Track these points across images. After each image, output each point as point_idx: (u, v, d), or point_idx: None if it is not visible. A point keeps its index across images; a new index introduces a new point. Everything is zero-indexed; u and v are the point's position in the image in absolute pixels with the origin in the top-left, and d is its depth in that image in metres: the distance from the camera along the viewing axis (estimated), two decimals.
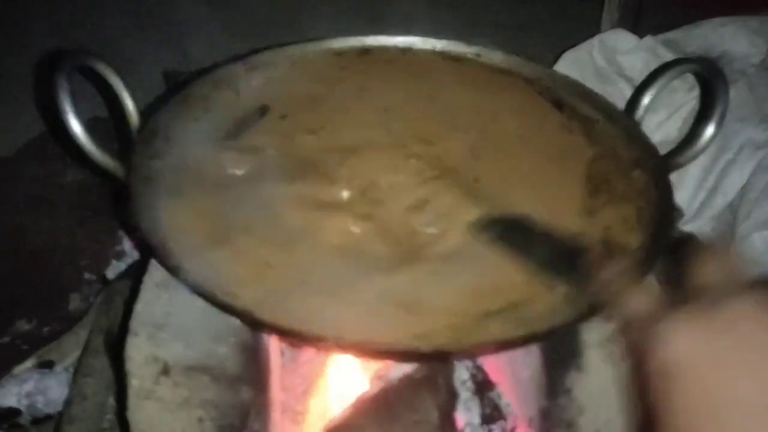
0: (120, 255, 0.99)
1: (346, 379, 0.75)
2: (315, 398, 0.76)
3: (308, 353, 0.78)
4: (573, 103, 0.77)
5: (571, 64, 1.16)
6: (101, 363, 0.79)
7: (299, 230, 0.63)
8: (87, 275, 0.97)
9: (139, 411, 0.60)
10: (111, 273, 0.98)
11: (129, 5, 1.23)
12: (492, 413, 0.71)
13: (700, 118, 0.67)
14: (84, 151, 0.64)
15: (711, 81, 0.67)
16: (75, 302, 0.94)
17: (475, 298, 0.58)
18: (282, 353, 0.79)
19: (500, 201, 0.66)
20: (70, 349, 0.87)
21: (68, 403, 0.78)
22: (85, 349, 0.82)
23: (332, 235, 0.63)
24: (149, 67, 1.09)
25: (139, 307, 0.64)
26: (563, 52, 1.19)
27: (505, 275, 0.59)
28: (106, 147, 0.64)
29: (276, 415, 0.70)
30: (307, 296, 0.58)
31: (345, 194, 0.67)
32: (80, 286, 0.96)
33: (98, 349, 0.80)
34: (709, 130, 0.66)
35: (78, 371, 0.80)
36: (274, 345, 0.72)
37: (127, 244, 1.00)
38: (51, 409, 0.84)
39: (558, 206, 0.66)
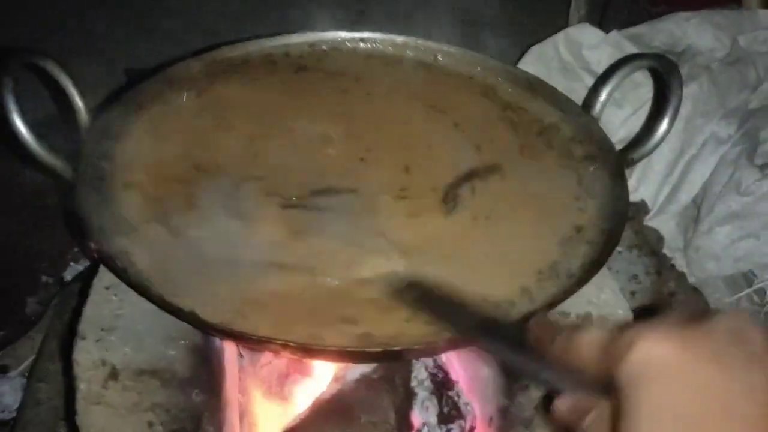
0: (78, 257, 0.98)
1: (304, 382, 0.75)
2: (273, 401, 0.75)
3: (267, 356, 0.77)
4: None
5: (536, 59, 1.15)
6: (56, 367, 0.77)
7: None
8: (44, 278, 0.95)
9: (88, 416, 0.59)
10: (69, 275, 0.96)
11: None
12: (450, 412, 0.70)
13: (654, 114, 0.66)
14: (30, 152, 0.62)
15: (665, 77, 0.67)
16: (32, 306, 0.93)
17: None
18: (240, 356, 0.78)
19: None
20: (25, 353, 0.85)
21: (22, 408, 0.76)
22: (40, 354, 0.80)
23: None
24: (109, 66, 1.07)
25: (88, 310, 0.63)
26: (530, 47, 1.18)
27: None
28: (56, 148, 0.63)
29: (232, 418, 0.69)
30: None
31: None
32: (37, 289, 0.94)
33: (53, 353, 0.78)
34: (663, 126, 0.66)
35: (32, 376, 0.79)
36: (229, 347, 0.71)
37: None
38: (6, 415, 0.82)
39: None
